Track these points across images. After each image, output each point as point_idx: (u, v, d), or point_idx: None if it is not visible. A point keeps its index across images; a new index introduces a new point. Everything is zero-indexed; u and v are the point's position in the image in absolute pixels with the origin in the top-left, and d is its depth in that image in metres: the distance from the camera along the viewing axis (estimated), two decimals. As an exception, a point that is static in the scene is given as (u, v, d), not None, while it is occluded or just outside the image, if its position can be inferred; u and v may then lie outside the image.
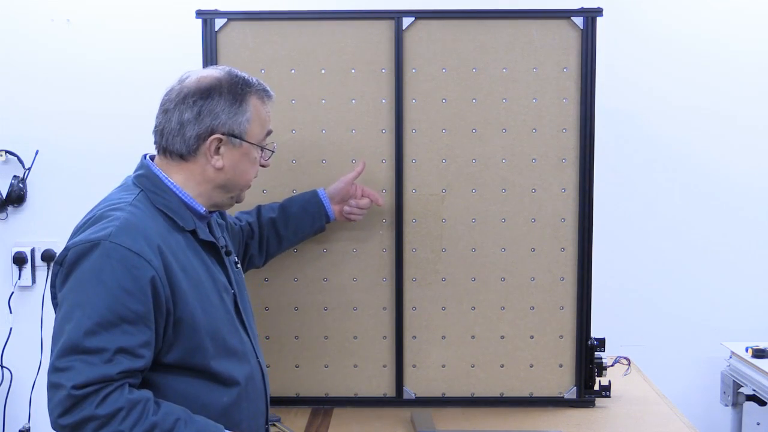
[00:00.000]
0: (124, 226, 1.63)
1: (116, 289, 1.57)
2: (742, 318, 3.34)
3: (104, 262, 1.58)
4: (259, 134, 1.82)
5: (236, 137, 1.77)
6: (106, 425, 1.54)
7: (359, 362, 2.50)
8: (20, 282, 3.32)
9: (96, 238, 1.61)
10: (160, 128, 1.78)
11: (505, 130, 2.43)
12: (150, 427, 1.57)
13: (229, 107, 1.76)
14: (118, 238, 1.60)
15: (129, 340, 1.58)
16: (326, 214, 2.30)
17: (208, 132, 1.74)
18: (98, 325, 1.56)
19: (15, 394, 3.34)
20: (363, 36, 2.41)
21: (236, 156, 1.78)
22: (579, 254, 2.45)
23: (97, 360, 1.55)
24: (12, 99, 3.29)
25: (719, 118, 3.29)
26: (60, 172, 3.30)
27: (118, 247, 1.59)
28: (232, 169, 1.78)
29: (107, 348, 1.55)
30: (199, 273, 1.75)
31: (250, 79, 1.82)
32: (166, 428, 1.59)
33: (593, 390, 2.50)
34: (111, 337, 1.56)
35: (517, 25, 2.41)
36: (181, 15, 2.74)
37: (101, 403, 1.54)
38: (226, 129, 1.75)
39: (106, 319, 1.56)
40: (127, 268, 1.59)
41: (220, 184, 1.79)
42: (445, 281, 2.47)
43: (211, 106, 1.74)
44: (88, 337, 1.55)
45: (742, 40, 3.27)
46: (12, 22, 3.27)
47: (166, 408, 1.63)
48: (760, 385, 2.96)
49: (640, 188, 3.31)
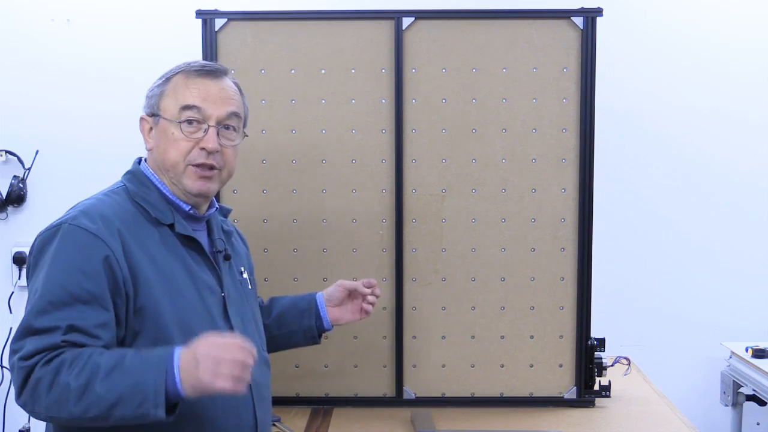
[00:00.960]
0: (86, 210, 1.66)
1: (70, 268, 1.58)
2: (742, 318, 3.34)
3: (61, 244, 1.61)
4: (172, 108, 1.74)
5: (154, 115, 1.77)
6: (53, 383, 1.51)
7: (359, 362, 2.50)
8: (20, 282, 3.31)
9: (57, 223, 1.65)
10: None
11: (505, 130, 2.43)
12: (93, 369, 1.51)
13: (157, 88, 1.78)
14: (76, 220, 1.63)
15: (82, 319, 1.56)
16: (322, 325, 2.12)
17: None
18: (50, 304, 1.55)
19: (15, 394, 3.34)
20: (363, 36, 2.41)
21: (157, 134, 1.77)
22: (579, 254, 2.45)
23: (47, 336, 1.54)
24: (12, 99, 3.29)
25: (719, 119, 3.29)
26: (60, 172, 3.30)
27: (76, 228, 1.61)
28: (156, 148, 1.77)
29: (59, 326, 1.54)
30: (172, 266, 1.71)
31: (193, 62, 1.80)
32: (110, 365, 1.52)
33: (593, 390, 2.50)
34: (62, 315, 1.55)
35: (517, 25, 2.41)
36: (181, 15, 2.73)
37: (46, 363, 1.53)
38: (147, 110, 1.79)
39: (58, 298, 1.56)
40: (80, 248, 1.60)
41: (159, 166, 1.78)
42: (445, 281, 2.47)
43: (150, 92, 1.79)
44: (40, 316, 1.55)
45: (742, 40, 3.27)
46: (12, 22, 3.27)
47: (118, 349, 1.59)
48: (760, 385, 2.96)
49: (640, 188, 3.31)
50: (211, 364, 1.50)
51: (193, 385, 1.52)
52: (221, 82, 1.79)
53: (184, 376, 1.52)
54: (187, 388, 1.52)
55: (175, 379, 1.51)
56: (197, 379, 1.51)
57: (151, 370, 1.52)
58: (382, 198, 2.45)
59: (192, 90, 1.75)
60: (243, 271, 1.94)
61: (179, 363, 1.52)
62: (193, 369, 1.51)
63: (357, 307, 2.12)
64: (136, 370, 1.52)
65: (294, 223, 2.46)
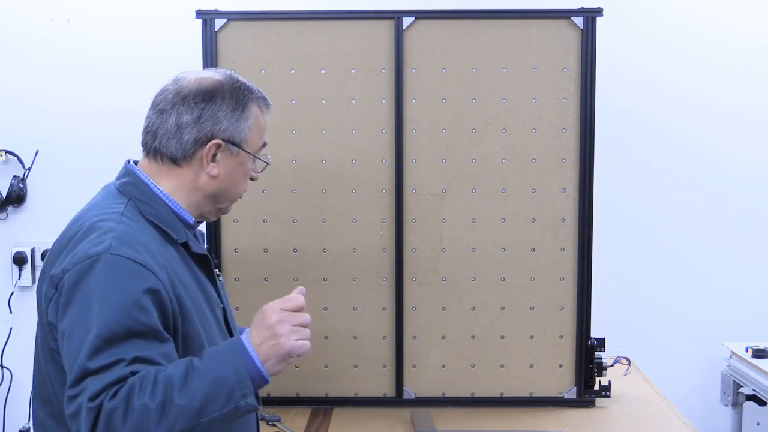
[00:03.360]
0: (123, 238, 1.51)
1: (123, 301, 1.45)
2: (742, 318, 3.34)
3: (107, 276, 1.46)
4: (256, 144, 1.71)
5: (235, 144, 1.66)
6: (127, 410, 1.39)
7: (359, 362, 2.50)
8: (20, 282, 3.31)
9: (95, 253, 1.48)
10: (153, 129, 1.66)
11: (505, 130, 2.43)
12: (166, 384, 1.41)
13: (231, 113, 1.65)
14: (118, 249, 1.49)
15: (144, 350, 1.44)
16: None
17: (208, 137, 1.64)
18: (105, 342, 1.42)
19: (15, 394, 3.34)
20: (363, 36, 2.41)
21: (232, 165, 1.67)
22: (579, 254, 2.45)
23: (110, 371, 1.41)
24: (12, 99, 3.29)
25: (720, 119, 3.29)
26: (60, 172, 3.29)
27: (121, 258, 1.48)
28: (227, 179, 1.68)
29: (122, 358, 1.42)
30: (194, 287, 1.64)
31: (251, 86, 1.72)
32: (181, 374, 1.43)
33: (593, 390, 2.50)
34: (119, 350, 1.42)
35: (517, 25, 2.41)
36: (182, 15, 2.73)
37: (113, 397, 1.39)
38: (226, 135, 1.65)
39: (114, 334, 1.43)
40: (132, 279, 1.47)
41: (212, 193, 1.68)
42: (445, 281, 2.47)
43: (213, 109, 1.64)
44: (95, 356, 1.41)
45: (742, 40, 3.27)
46: (12, 22, 3.27)
47: (177, 361, 1.48)
48: (760, 385, 2.96)
49: (640, 188, 3.31)
50: (290, 330, 1.47)
51: (277, 357, 1.46)
52: None
53: (263, 354, 1.46)
54: (270, 366, 1.47)
55: (255, 362, 1.46)
56: (281, 349, 1.46)
57: (228, 361, 1.44)
58: (382, 198, 2.45)
59: (266, 126, 1.74)
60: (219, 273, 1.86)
61: (252, 342, 1.47)
62: (272, 342, 1.46)
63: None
64: (212, 367, 1.44)
65: (294, 223, 2.46)
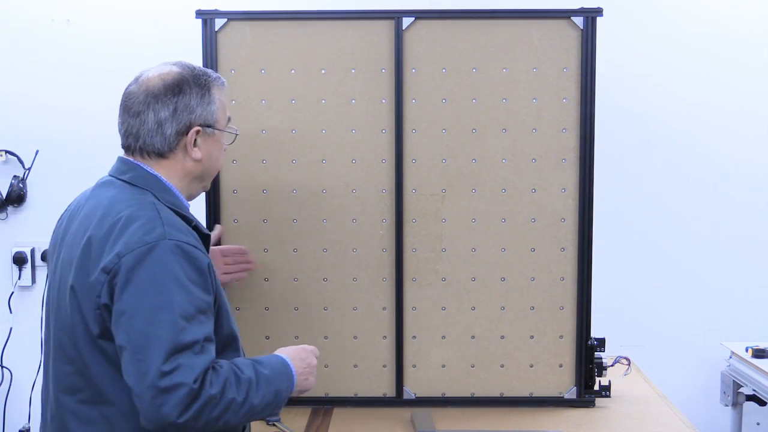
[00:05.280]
0: (170, 224, 1.69)
1: (188, 283, 1.65)
2: (742, 318, 3.34)
3: (170, 259, 1.64)
4: (224, 120, 1.88)
5: (210, 126, 1.82)
6: (220, 401, 1.62)
7: (359, 362, 2.50)
8: (20, 282, 3.32)
9: (152, 240, 1.65)
10: (133, 131, 1.79)
11: (505, 130, 2.43)
12: (247, 385, 1.68)
13: (200, 99, 1.81)
14: (173, 235, 1.67)
15: (208, 328, 1.67)
16: None
17: (187, 126, 1.79)
18: (186, 320, 1.62)
19: (15, 394, 3.34)
20: (363, 36, 2.41)
21: (210, 144, 1.84)
22: (579, 254, 2.45)
23: (197, 352, 1.62)
24: (12, 99, 3.29)
25: (720, 118, 3.29)
26: (60, 173, 3.30)
27: (178, 243, 1.66)
28: (208, 158, 1.84)
29: (197, 339, 1.62)
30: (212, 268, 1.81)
31: (206, 70, 1.87)
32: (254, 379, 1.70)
33: (593, 390, 2.50)
34: (197, 329, 1.63)
35: (517, 25, 2.41)
36: (182, 15, 2.73)
37: (211, 384, 1.61)
38: (201, 120, 1.81)
39: (189, 313, 1.63)
40: (190, 262, 1.66)
41: (198, 174, 1.85)
42: (445, 281, 2.47)
43: (185, 101, 1.79)
44: (183, 333, 1.60)
45: (742, 39, 3.27)
46: (12, 22, 3.27)
47: (237, 361, 1.73)
48: (760, 385, 2.96)
49: (640, 188, 3.31)
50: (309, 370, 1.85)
51: (301, 388, 1.83)
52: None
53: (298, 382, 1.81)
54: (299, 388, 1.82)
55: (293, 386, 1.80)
56: (309, 385, 1.85)
57: (284, 379, 1.78)
58: (382, 198, 2.45)
59: (225, 102, 1.90)
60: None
61: (295, 370, 1.81)
62: (306, 377, 1.84)
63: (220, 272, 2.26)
64: (274, 380, 1.75)
65: (294, 222, 2.46)
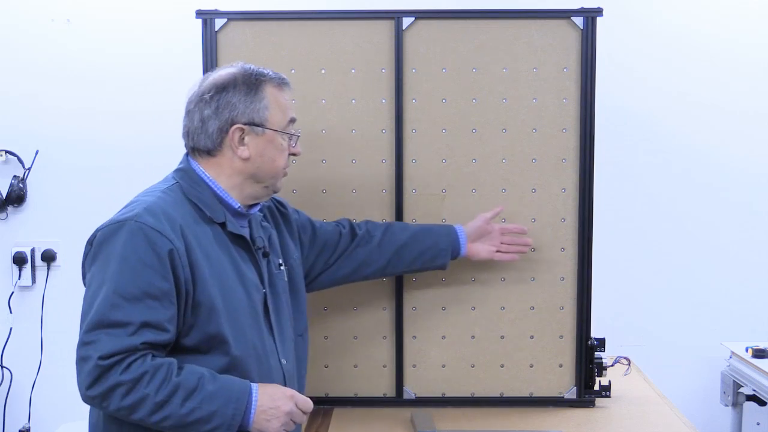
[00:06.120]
0: (150, 208, 1.72)
1: (139, 264, 1.66)
2: (742, 318, 3.34)
3: (128, 240, 1.68)
4: (281, 120, 1.87)
5: (257, 125, 1.83)
6: (132, 390, 1.62)
7: (359, 362, 2.50)
8: (20, 282, 3.32)
9: (122, 219, 1.71)
10: (186, 130, 1.86)
11: (505, 130, 2.43)
12: (174, 388, 1.65)
13: (245, 97, 1.82)
14: (142, 218, 1.70)
15: (154, 314, 1.66)
16: (458, 249, 2.30)
17: (229, 123, 1.81)
18: (123, 299, 1.64)
19: (15, 394, 3.35)
20: (363, 36, 2.41)
21: (261, 144, 1.84)
22: (579, 254, 2.45)
23: (122, 332, 1.63)
24: (12, 99, 3.29)
25: (720, 118, 3.29)
26: (60, 172, 3.30)
27: (142, 225, 1.69)
28: (260, 158, 1.84)
29: (132, 321, 1.64)
30: (224, 264, 1.81)
31: (264, 70, 1.88)
32: (190, 387, 1.66)
33: (593, 390, 2.50)
34: (135, 311, 1.64)
35: (517, 25, 2.41)
36: (182, 15, 2.73)
37: (126, 369, 1.62)
38: (245, 118, 1.82)
39: (130, 293, 1.64)
40: (149, 244, 1.68)
41: (250, 174, 1.85)
42: (445, 281, 2.47)
43: (227, 98, 1.81)
44: (113, 310, 1.63)
45: (743, 39, 3.27)
46: (12, 22, 3.28)
47: (190, 368, 1.70)
48: (760, 385, 2.96)
49: (640, 188, 3.31)
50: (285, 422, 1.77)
51: (261, 426, 1.74)
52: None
53: (258, 418, 1.73)
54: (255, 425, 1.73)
55: (249, 417, 1.72)
56: (269, 427, 1.74)
57: (232, 404, 1.70)
58: (382, 198, 2.45)
59: (289, 102, 1.90)
60: (281, 264, 2.02)
61: (258, 402, 1.73)
62: (269, 417, 1.74)
63: (494, 248, 2.32)
64: (217, 399, 1.68)
65: (294, 223, 2.46)
